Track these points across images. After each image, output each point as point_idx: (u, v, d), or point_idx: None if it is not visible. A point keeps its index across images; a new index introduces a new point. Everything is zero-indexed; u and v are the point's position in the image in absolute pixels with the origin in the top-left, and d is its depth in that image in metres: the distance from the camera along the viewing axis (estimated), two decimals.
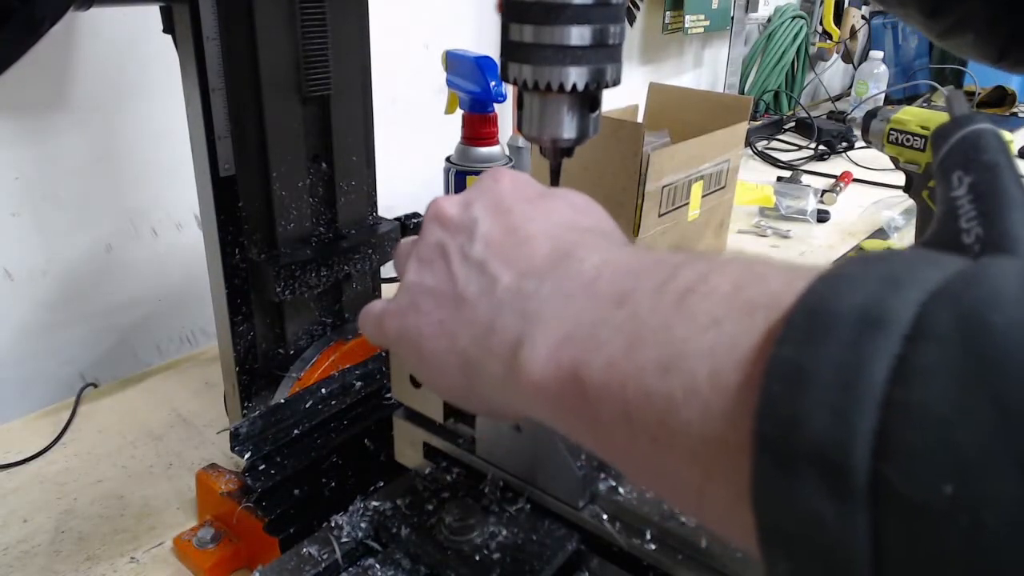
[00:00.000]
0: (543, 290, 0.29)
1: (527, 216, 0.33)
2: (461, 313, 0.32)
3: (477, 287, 0.31)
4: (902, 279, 0.19)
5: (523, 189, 0.35)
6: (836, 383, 0.18)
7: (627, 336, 0.24)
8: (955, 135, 0.41)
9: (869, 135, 1.01)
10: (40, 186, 0.84)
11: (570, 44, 0.38)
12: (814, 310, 0.20)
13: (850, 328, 0.18)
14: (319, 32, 0.62)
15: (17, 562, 0.60)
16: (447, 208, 0.35)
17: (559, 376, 0.26)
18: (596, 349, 0.25)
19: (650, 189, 0.97)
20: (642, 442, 0.24)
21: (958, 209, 0.38)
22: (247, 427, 0.55)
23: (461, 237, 0.33)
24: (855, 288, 0.19)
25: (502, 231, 0.32)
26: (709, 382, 0.22)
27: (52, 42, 0.80)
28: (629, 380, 0.24)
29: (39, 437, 0.75)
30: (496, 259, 0.31)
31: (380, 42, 0.73)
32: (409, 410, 0.48)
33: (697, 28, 1.73)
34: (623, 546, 0.39)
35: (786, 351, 0.19)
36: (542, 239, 0.31)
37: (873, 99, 1.93)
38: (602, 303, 0.26)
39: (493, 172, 0.36)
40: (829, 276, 0.20)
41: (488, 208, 0.34)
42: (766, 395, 0.19)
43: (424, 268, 0.34)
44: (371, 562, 0.41)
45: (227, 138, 0.60)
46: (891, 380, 0.17)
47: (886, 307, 0.18)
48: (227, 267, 0.63)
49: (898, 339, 0.18)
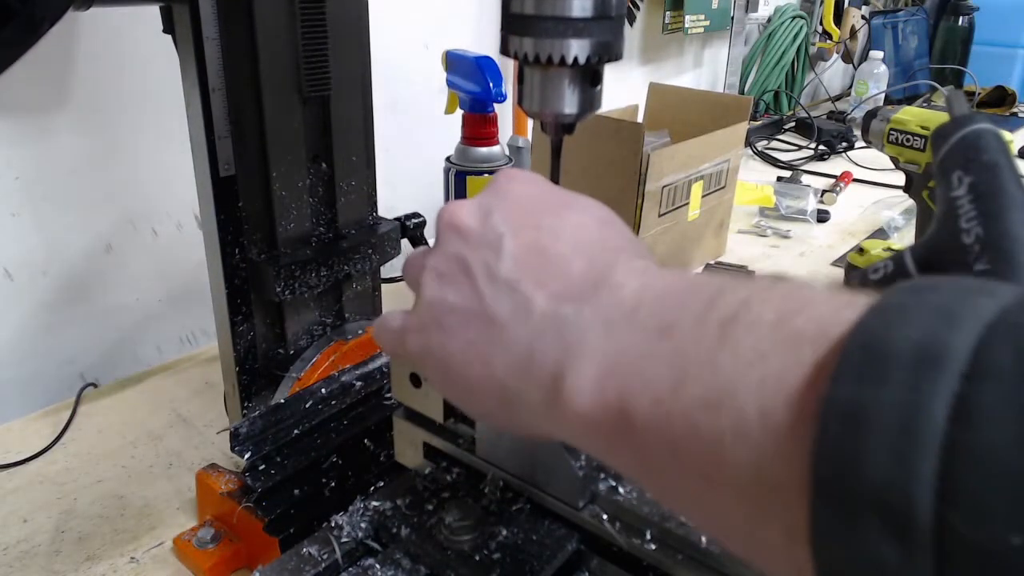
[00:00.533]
0: (583, 317, 0.28)
1: (556, 232, 0.31)
2: (494, 336, 0.30)
3: (509, 308, 0.30)
4: (957, 311, 0.18)
5: (544, 198, 0.34)
6: (896, 424, 0.17)
7: (673, 370, 0.24)
8: (955, 135, 0.41)
9: (869, 135, 1.00)
10: (40, 186, 0.84)
11: (572, 15, 0.38)
12: (869, 346, 0.19)
13: (907, 366, 0.18)
14: (319, 32, 0.62)
15: (17, 562, 0.60)
16: (465, 218, 0.33)
17: (605, 410, 0.26)
18: (643, 384, 0.25)
19: (650, 189, 0.97)
20: (691, 478, 0.23)
21: (958, 209, 0.38)
22: (247, 427, 0.55)
23: (485, 252, 0.32)
24: (910, 322, 0.19)
25: (531, 248, 0.31)
26: (759, 421, 0.21)
27: (52, 42, 0.80)
28: (677, 417, 0.23)
29: (39, 437, 0.75)
30: (528, 279, 0.30)
31: (380, 42, 0.73)
32: (409, 410, 0.48)
33: (697, 28, 1.73)
34: (623, 546, 0.39)
35: (842, 390, 0.19)
36: (576, 259, 0.30)
37: (873, 99, 1.93)
38: (646, 334, 0.25)
39: (507, 175, 0.35)
40: (881, 308, 0.20)
41: (511, 220, 0.32)
42: (822, 436, 0.19)
43: (445, 284, 0.33)
44: (371, 562, 0.41)
45: (227, 138, 0.60)
46: (952, 420, 0.17)
47: (943, 343, 0.18)
48: (227, 267, 0.63)
49: (957, 376, 0.17)
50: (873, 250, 1.03)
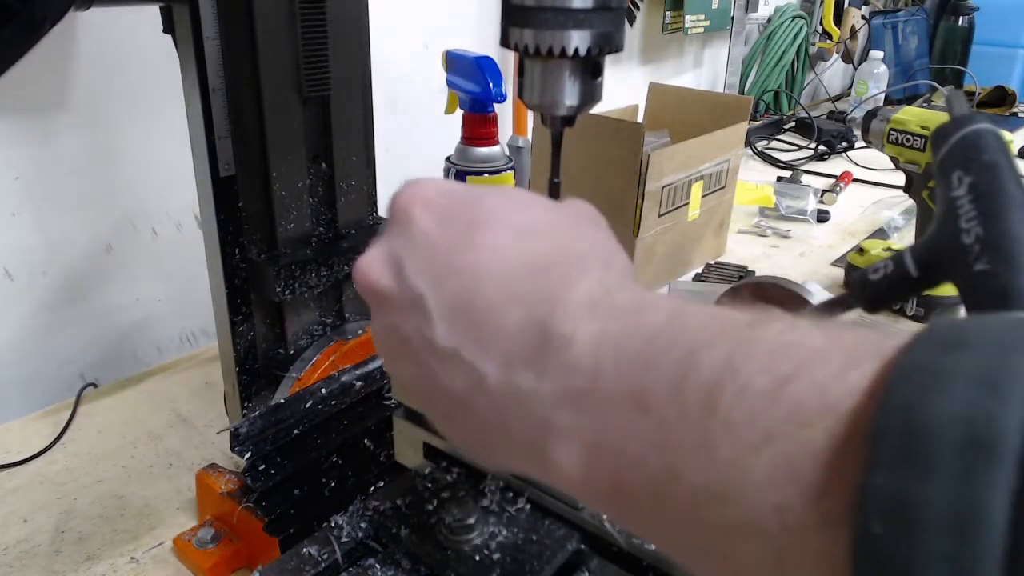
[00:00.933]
0: (543, 389, 0.25)
1: (475, 272, 0.27)
2: (460, 412, 0.28)
3: (463, 383, 0.27)
4: (998, 379, 0.16)
5: (449, 219, 0.29)
6: (951, 523, 0.15)
7: (664, 455, 0.21)
8: (955, 135, 0.41)
9: (869, 135, 1.01)
10: (40, 186, 0.84)
11: (572, 7, 0.38)
12: (906, 427, 0.17)
13: (957, 454, 0.16)
14: (319, 32, 0.62)
15: (17, 562, 0.60)
16: (378, 279, 0.30)
17: (602, 487, 0.24)
18: (634, 468, 0.22)
19: (650, 189, 0.97)
20: (706, 556, 0.22)
21: (958, 209, 0.38)
22: (247, 427, 0.55)
23: (413, 318, 0.28)
24: (947, 393, 0.17)
25: (457, 302, 0.27)
26: (776, 517, 0.19)
27: (52, 42, 0.80)
28: (682, 505, 0.21)
29: (39, 437, 0.75)
30: (467, 344, 0.26)
31: (380, 42, 0.73)
32: (409, 410, 0.48)
33: (697, 28, 1.73)
34: (623, 546, 0.39)
35: (882, 480, 0.16)
36: (507, 307, 0.26)
37: (873, 99, 1.93)
38: (620, 408, 0.23)
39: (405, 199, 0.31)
40: (909, 373, 0.17)
41: (426, 268, 0.28)
42: (865, 537, 0.17)
43: (393, 360, 0.30)
44: (371, 562, 0.41)
45: (227, 138, 0.60)
46: (1013, 520, 0.15)
47: (991, 423, 0.16)
48: (227, 267, 0.63)
49: (1012, 467, 0.15)
50: (873, 250, 1.03)
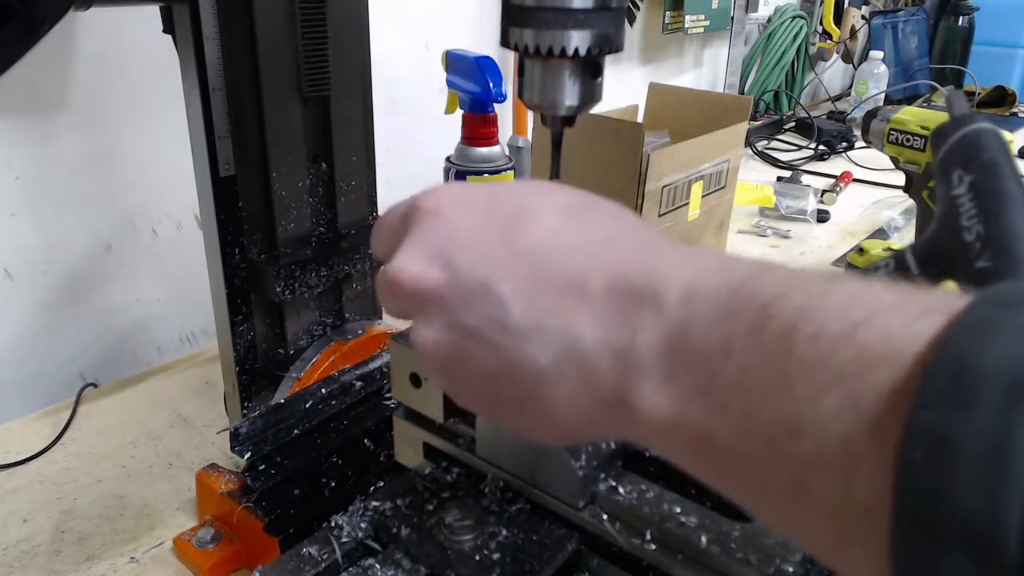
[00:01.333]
0: (638, 343, 0.26)
1: (540, 247, 0.28)
2: (546, 388, 0.28)
3: (549, 355, 0.27)
4: None
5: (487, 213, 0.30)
6: (985, 455, 0.17)
7: (746, 394, 0.23)
8: (955, 134, 0.41)
9: (869, 135, 1.01)
10: (40, 186, 0.84)
11: (572, 7, 0.38)
12: (955, 368, 0.18)
13: (999, 393, 0.17)
14: (319, 32, 0.62)
15: (17, 562, 0.60)
16: (427, 279, 0.29)
17: (688, 430, 0.25)
18: (721, 409, 0.24)
19: (650, 189, 0.97)
20: (777, 495, 0.23)
21: (959, 207, 0.39)
22: (247, 427, 0.55)
23: (480, 307, 0.28)
24: (1000, 343, 0.18)
25: (531, 282, 0.27)
26: (842, 449, 0.20)
27: (52, 42, 0.80)
28: (759, 441, 0.23)
29: (39, 437, 0.75)
30: (552, 315, 0.27)
31: (380, 42, 0.73)
32: (409, 410, 0.48)
33: (697, 28, 1.72)
34: (623, 546, 0.39)
35: (927, 414, 0.18)
36: (590, 275, 0.27)
37: (873, 99, 1.93)
38: (708, 354, 0.24)
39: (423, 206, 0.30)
40: (967, 324, 0.19)
41: (480, 256, 0.28)
42: (907, 464, 0.18)
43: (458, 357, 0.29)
44: (371, 562, 0.41)
45: (227, 138, 0.60)
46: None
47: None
48: (227, 267, 0.63)
49: None
50: (873, 250, 1.03)
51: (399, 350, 0.44)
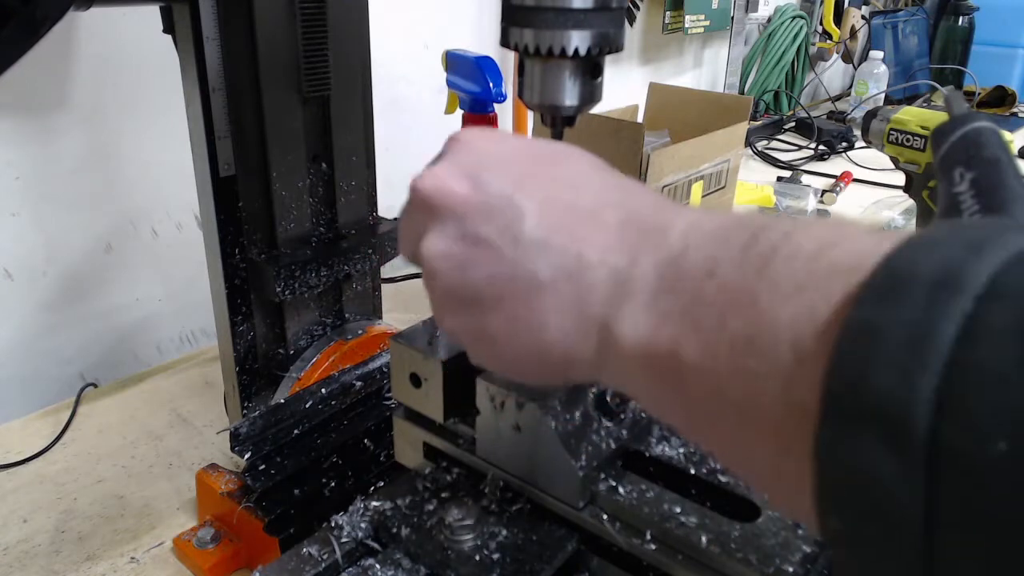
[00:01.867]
0: (637, 266, 0.27)
1: (569, 183, 0.30)
2: (540, 300, 0.29)
3: (550, 268, 0.29)
4: (986, 243, 0.19)
5: (524, 149, 0.32)
6: (905, 342, 0.18)
7: (718, 309, 0.24)
8: (955, 133, 0.41)
9: (869, 135, 1.01)
10: (40, 186, 0.84)
11: (572, 7, 0.38)
12: (893, 272, 0.19)
13: (926, 289, 0.18)
14: (319, 32, 0.62)
15: (17, 562, 0.60)
16: (455, 188, 0.31)
17: (658, 355, 0.26)
18: (693, 326, 0.25)
19: None
20: (728, 417, 0.24)
21: (960, 204, 0.39)
22: (247, 427, 0.55)
23: (501, 217, 0.30)
24: (938, 251, 0.19)
25: (552, 204, 0.30)
26: (791, 352, 0.21)
27: (52, 42, 0.80)
28: (721, 356, 0.23)
29: (39, 437, 0.75)
30: (563, 235, 0.29)
31: (380, 42, 0.73)
32: (409, 410, 0.48)
33: (697, 28, 1.72)
34: (623, 546, 0.39)
35: (860, 312, 0.19)
36: (607, 210, 0.29)
37: (873, 99, 1.93)
38: (693, 275, 0.25)
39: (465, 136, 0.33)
40: (914, 239, 0.20)
41: (509, 177, 0.30)
42: (836, 355, 0.19)
43: (465, 262, 0.31)
44: (371, 562, 0.41)
45: (227, 138, 0.60)
46: (959, 340, 0.17)
47: (964, 269, 0.18)
48: (227, 267, 0.63)
49: (971, 299, 0.18)
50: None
51: (399, 350, 0.44)
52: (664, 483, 0.41)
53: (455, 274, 0.31)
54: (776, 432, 0.22)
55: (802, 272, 0.22)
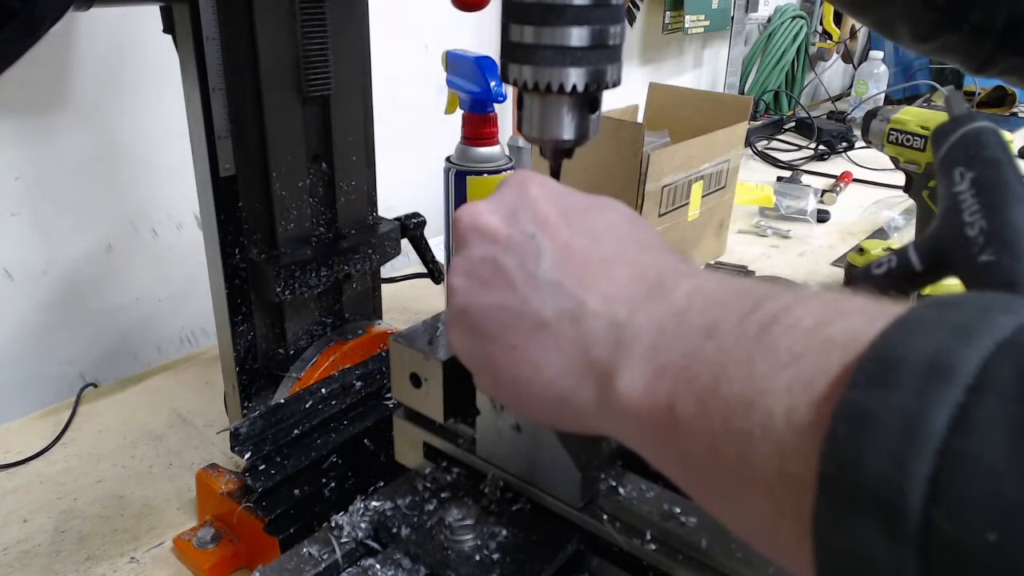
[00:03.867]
0: (637, 320, 0.28)
1: (591, 233, 0.32)
2: (541, 339, 0.31)
3: (555, 309, 0.30)
4: (974, 327, 0.19)
5: (565, 197, 0.34)
6: (898, 428, 0.18)
7: (715, 369, 0.25)
8: (955, 133, 0.41)
9: (869, 135, 1.00)
10: (40, 186, 0.84)
11: (570, 45, 0.38)
12: (885, 355, 0.20)
13: (917, 376, 0.19)
14: (319, 32, 0.62)
15: (17, 562, 0.60)
16: (489, 218, 0.33)
17: (654, 409, 0.27)
18: (688, 383, 0.25)
19: (650, 189, 0.97)
20: (724, 476, 0.24)
21: (961, 203, 0.39)
22: (247, 427, 0.55)
23: (520, 253, 0.32)
24: (927, 335, 0.20)
25: (568, 249, 0.31)
26: (785, 420, 0.22)
27: (52, 42, 0.80)
28: (716, 415, 0.24)
29: (39, 437, 0.75)
30: (572, 280, 0.31)
31: (380, 42, 0.73)
32: (409, 410, 0.48)
33: (697, 28, 1.72)
34: (623, 546, 0.39)
35: (854, 394, 0.20)
36: (620, 263, 0.31)
37: (873, 99, 1.93)
38: (693, 334, 0.26)
39: (520, 175, 0.35)
40: (904, 321, 0.21)
41: (539, 221, 0.33)
42: (831, 435, 0.20)
43: (480, 287, 0.33)
44: (371, 562, 0.41)
45: (227, 138, 0.60)
46: (951, 428, 0.18)
47: (955, 357, 0.19)
48: (227, 267, 0.63)
49: (962, 389, 0.18)
50: (873, 250, 1.03)
51: (399, 350, 0.44)
52: (664, 483, 0.41)
53: (469, 296, 0.33)
54: (770, 496, 0.23)
55: (800, 343, 0.23)
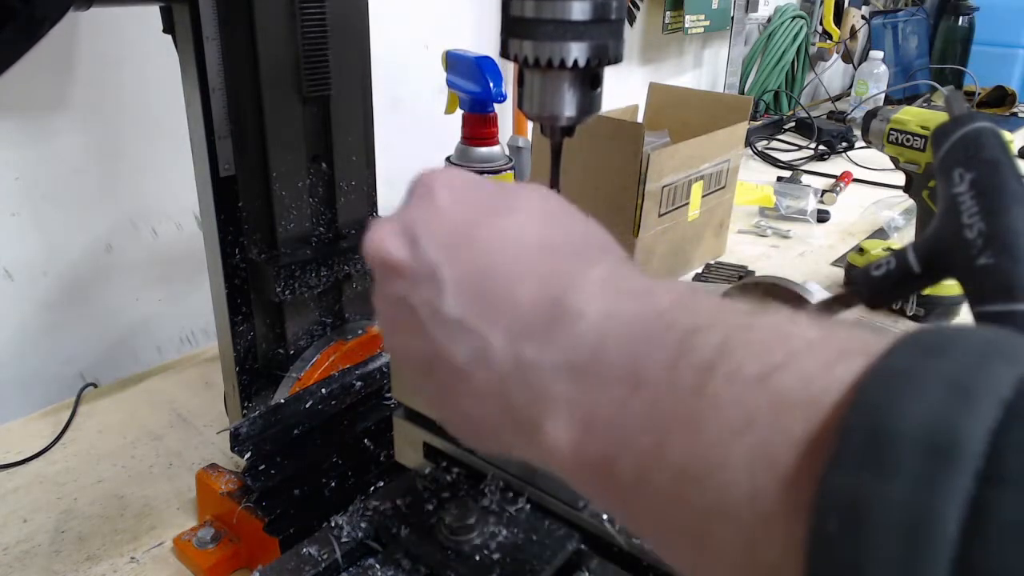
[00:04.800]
0: (545, 361, 0.25)
1: (493, 249, 0.28)
2: (459, 383, 0.28)
3: (465, 353, 0.27)
4: (971, 385, 0.17)
5: (472, 202, 0.30)
6: (903, 528, 0.16)
7: (652, 429, 0.22)
8: (955, 133, 0.41)
9: (869, 135, 1.00)
10: (40, 186, 0.84)
11: (571, 19, 0.38)
12: (871, 426, 0.17)
13: (916, 455, 0.16)
14: (319, 32, 0.62)
15: (17, 562, 0.60)
16: (391, 250, 0.29)
17: (588, 465, 0.24)
18: (623, 444, 0.23)
19: (650, 189, 0.97)
20: (679, 540, 0.22)
21: (960, 205, 0.39)
22: (247, 427, 0.55)
23: (423, 289, 0.28)
24: (918, 398, 0.17)
25: (470, 275, 0.27)
26: (748, 503, 0.19)
27: (52, 42, 0.80)
28: (663, 487, 0.21)
29: (39, 437, 0.75)
30: (475, 315, 0.27)
31: (380, 42, 0.73)
32: (409, 410, 0.48)
33: (697, 28, 1.72)
34: (623, 546, 0.39)
35: (842, 480, 0.17)
36: (524, 280, 0.27)
37: (873, 99, 1.93)
38: (616, 383, 0.23)
39: (426, 180, 0.31)
40: (884, 375, 0.18)
41: (442, 242, 0.28)
42: (820, 534, 0.17)
43: (394, 330, 0.30)
44: (371, 562, 0.41)
45: (227, 138, 0.60)
46: (965, 531, 0.15)
47: (956, 430, 0.16)
48: (227, 267, 0.63)
49: (971, 475, 0.15)
50: (873, 250, 1.03)
51: None
52: None
53: (391, 341, 0.31)
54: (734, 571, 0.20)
55: (749, 401, 0.20)
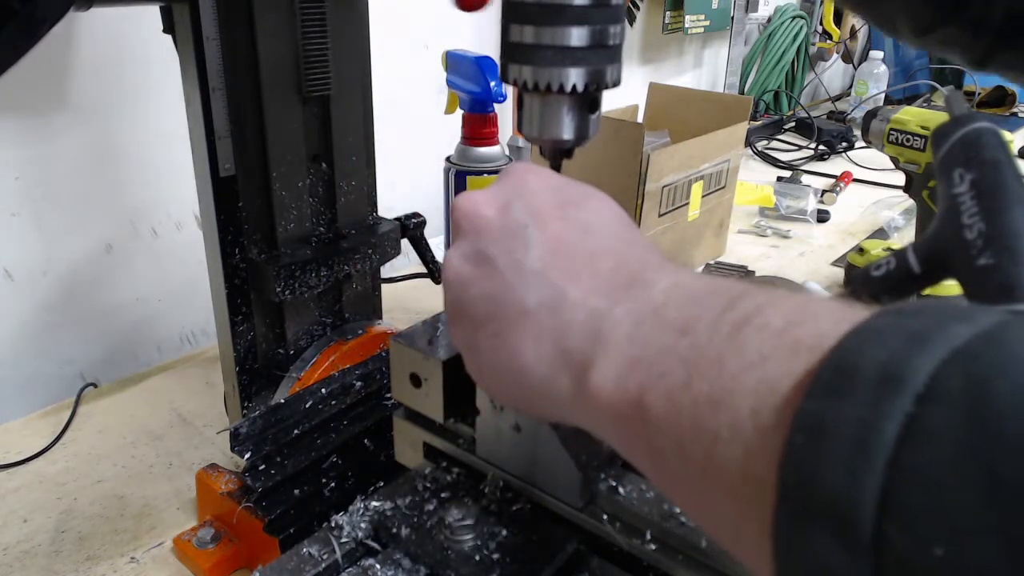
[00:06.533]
0: (615, 312, 0.29)
1: (581, 226, 0.33)
2: (521, 327, 0.31)
3: (538, 298, 0.31)
4: (929, 336, 0.19)
5: (561, 189, 0.35)
6: (852, 440, 0.18)
7: (687, 366, 0.25)
8: (955, 134, 0.41)
9: (869, 135, 1.00)
10: (40, 186, 0.84)
11: (570, 45, 0.38)
12: (840, 364, 0.20)
13: (870, 385, 0.19)
14: (319, 32, 0.62)
15: (17, 562, 0.60)
16: (483, 208, 0.34)
17: (626, 402, 0.27)
18: (660, 378, 0.26)
19: (650, 189, 0.97)
20: (691, 473, 0.24)
21: (960, 205, 0.39)
22: (247, 427, 0.55)
23: (509, 242, 0.32)
24: (882, 343, 0.20)
25: (559, 241, 0.32)
26: (751, 421, 0.22)
27: (52, 42, 0.80)
28: (685, 411, 0.24)
29: (39, 437, 0.75)
30: (557, 271, 0.31)
31: (380, 42, 0.73)
32: (409, 410, 0.48)
33: (697, 28, 1.73)
34: (623, 546, 0.39)
35: (810, 404, 0.20)
36: (605, 257, 0.31)
37: (873, 99, 1.93)
38: (668, 330, 0.27)
39: (520, 167, 0.36)
40: (862, 328, 0.21)
41: (532, 212, 0.33)
42: (790, 445, 0.20)
43: (468, 276, 0.33)
44: (371, 562, 0.41)
45: (227, 138, 0.60)
46: (901, 440, 0.18)
47: (907, 365, 0.19)
48: (227, 267, 0.63)
49: (912, 398, 0.18)
50: (873, 250, 1.03)
51: (399, 350, 0.44)
52: None
53: (461, 285, 0.34)
54: (735, 496, 0.23)
55: (769, 344, 0.23)
